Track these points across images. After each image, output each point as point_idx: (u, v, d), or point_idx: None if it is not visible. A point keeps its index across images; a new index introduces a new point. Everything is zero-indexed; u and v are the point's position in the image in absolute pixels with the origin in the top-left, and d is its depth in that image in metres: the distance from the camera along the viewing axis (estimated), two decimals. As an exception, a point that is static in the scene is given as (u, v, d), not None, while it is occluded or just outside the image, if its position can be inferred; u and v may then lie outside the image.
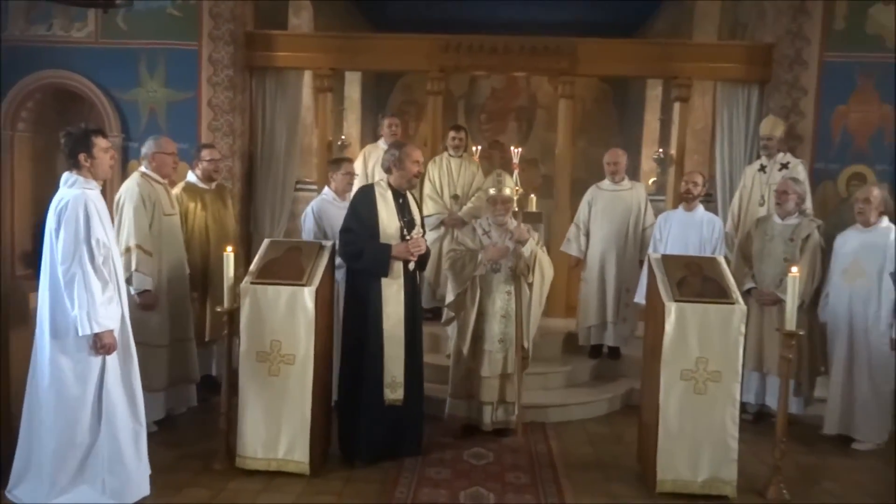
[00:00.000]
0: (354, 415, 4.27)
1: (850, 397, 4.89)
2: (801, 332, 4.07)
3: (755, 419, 5.17)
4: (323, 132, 7.21)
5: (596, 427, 5.20)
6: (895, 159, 6.37)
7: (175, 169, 4.96)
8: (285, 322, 3.99)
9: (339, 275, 4.65)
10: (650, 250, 5.47)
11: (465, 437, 4.77)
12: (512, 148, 9.09)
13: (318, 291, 4.02)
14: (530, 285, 4.72)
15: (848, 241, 4.96)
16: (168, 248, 4.69)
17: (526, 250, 4.68)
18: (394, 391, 4.25)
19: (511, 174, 8.49)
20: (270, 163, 6.96)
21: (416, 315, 4.45)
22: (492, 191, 4.79)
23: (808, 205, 5.74)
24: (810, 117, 6.40)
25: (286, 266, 4.15)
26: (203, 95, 6.61)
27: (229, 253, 4.06)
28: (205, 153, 5.29)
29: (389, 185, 4.39)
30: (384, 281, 4.22)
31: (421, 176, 4.48)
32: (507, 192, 4.79)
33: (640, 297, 5.41)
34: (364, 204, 4.31)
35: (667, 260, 4.29)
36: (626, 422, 5.13)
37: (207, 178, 5.30)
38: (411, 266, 4.34)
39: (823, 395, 5.26)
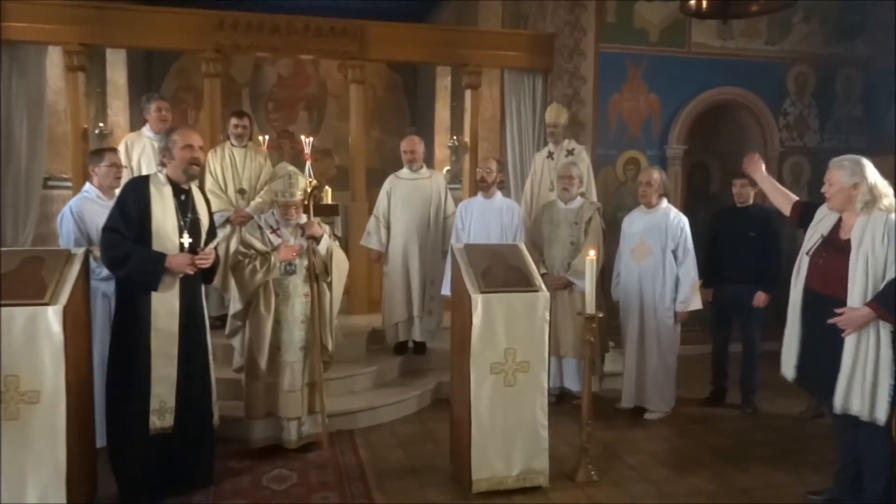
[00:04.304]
0: (127, 449, 3.60)
1: (642, 370, 5.14)
2: (601, 315, 4.13)
3: (557, 401, 5.25)
4: (76, 119, 6.15)
5: (406, 427, 4.97)
6: (661, 145, 6.89)
7: None
8: (23, 352, 3.19)
9: (108, 287, 3.96)
10: (453, 240, 5.35)
11: (264, 457, 4.26)
12: (303, 138, 8.60)
13: (66, 310, 3.27)
14: (329, 284, 4.33)
15: (634, 222, 5.19)
16: None
17: (322, 247, 4.28)
18: (161, 418, 3.61)
19: (304, 165, 8.06)
20: (9, 157, 5.80)
21: (198, 328, 3.82)
22: (283, 196, 4.29)
23: (593, 189, 5.99)
24: (590, 105, 6.68)
25: (22, 281, 3.32)
26: None
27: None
28: None
29: (168, 178, 3.75)
30: (155, 293, 3.59)
31: (199, 162, 3.83)
32: (300, 196, 4.33)
33: (446, 289, 5.23)
34: (133, 200, 3.61)
35: (470, 250, 4.12)
36: (437, 417, 5.00)
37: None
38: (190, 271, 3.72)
39: (613, 369, 5.51)
